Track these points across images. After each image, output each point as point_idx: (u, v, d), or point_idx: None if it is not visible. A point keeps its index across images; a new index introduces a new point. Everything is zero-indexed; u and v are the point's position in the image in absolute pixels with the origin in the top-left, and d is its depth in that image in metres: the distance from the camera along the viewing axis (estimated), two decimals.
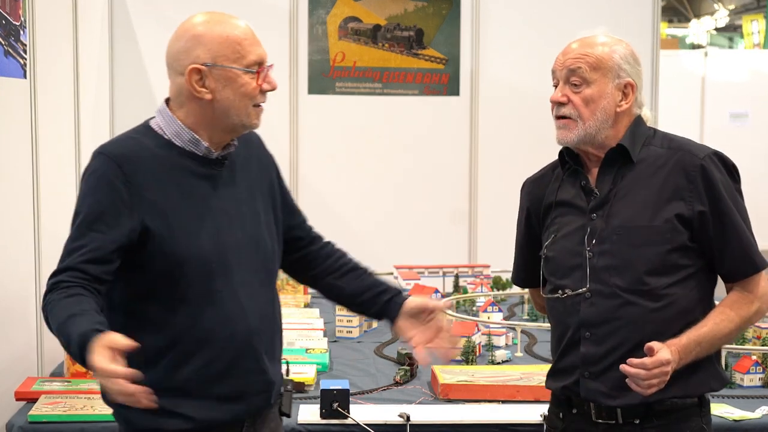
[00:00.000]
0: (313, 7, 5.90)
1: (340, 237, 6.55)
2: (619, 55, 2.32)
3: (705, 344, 2.23)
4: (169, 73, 2.22)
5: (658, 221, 2.24)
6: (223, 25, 2.19)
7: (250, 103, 2.20)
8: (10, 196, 3.62)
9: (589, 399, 2.29)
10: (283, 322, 2.38)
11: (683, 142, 2.33)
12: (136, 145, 2.17)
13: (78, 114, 4.49)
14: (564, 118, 2.29)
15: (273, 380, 2.29)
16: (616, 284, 2.25)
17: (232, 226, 2.21)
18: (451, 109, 5.99)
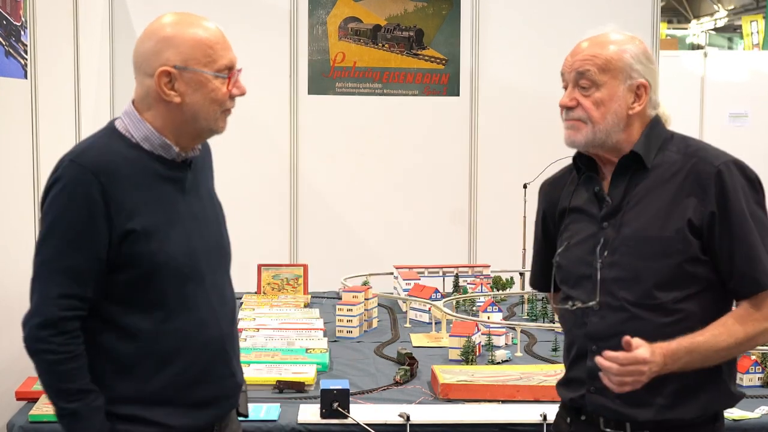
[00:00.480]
0: (313, 7, 5.90)
1: (340, 237, 6.59)
2: (631, 54, 2.20)
3: (697, 354, 2.10)
4: (137, 74, 2.18)
5: (669, 232, 2.14)
6: (194, 27, 2.13)
7: (219, 109, 2.16)
8: (11, 196, 3.62)
9: (595, 413, 2.23)
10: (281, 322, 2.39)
11: (700, 148, 2.23)
12: (108, 151, 2.11)
13: (78, 114, 4.50)
14: (573, 119, 2.21)
15: (240, 382, 2.30)
16: (624, 297, 2.16)
17: (200, 230, 2.20)
18: (451, 109, 5.99)
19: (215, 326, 2.19)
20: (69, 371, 2.07)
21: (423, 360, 3.51)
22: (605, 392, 2.17)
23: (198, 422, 2.19)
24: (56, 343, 2.06)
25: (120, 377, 2.12)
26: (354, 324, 4.04)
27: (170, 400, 2.15)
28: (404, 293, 4.55)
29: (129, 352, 2.12)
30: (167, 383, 2.14)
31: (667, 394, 2.17)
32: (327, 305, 4.59)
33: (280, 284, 4.72)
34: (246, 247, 5.68)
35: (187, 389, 2.16)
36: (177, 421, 2.15)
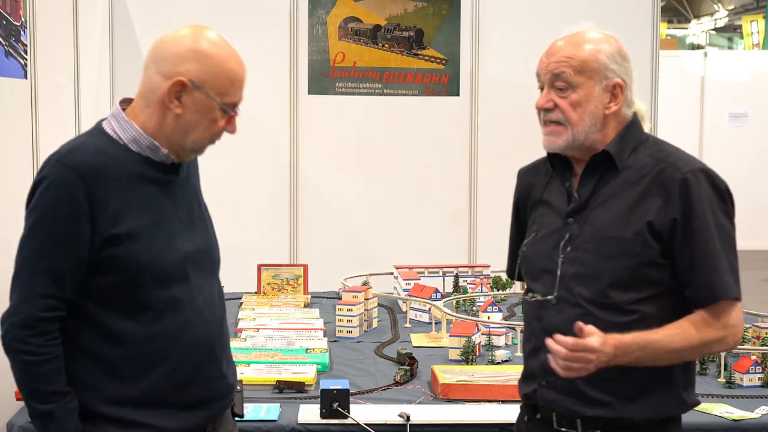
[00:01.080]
0: (313, 7, 5.90)
1: (340, 237, 6.58)
2: (606, 54, 2.20)
3: (650, 351, 2.09)
4: (150, 66, 2.15)
5: (629, 233, 2.14)
6: (227, 55, 2.13)
7: (209, 137, 2.17)
8: (11, 196, 3.62)
9: (547, 408, 2.24)
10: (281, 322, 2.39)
11: (671, 153, 2.22)
12: (95, 152, 2.11)
13: (78, 114, 4.50)
14: (552, 123, 2.22)
15: (232, 384, 2.30)
16: (580, 294, 2.17)
17: (187, 232, 2.20)
18: (451, 109, 5.99)
19: (203, 328, 2.19)
20: (46, 373, 2.07)
21: (423, 360, 3.51)
22: (556, 387, 2.20)
23: (188, 424, 2.19)
24: (35, 344, 2.06)
25: (108, 379, 2.12)
26: (354, 324, 4.04)
27: (159, 401, 2.15)
28: (404, 293, 4.55)
29: (117, 355, 2.12)
30: (156, 385, 2.14)
31: (617, 394, 2.17)
32: (327, 305, 4.59)
33: (280, 284, 4.72)
34: (246, 247, 5.72)
35: (175, 391, 2.16)
36: (167, 422, 2.15)
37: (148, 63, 2.16)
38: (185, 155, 2.21)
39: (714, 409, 2.99)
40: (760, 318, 4.13)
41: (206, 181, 2.42)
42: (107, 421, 2.12)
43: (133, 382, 2.12)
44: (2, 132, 3.55)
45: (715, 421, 2.92)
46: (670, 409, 2.22)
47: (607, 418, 2.18)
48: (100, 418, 2.12)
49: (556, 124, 2.21)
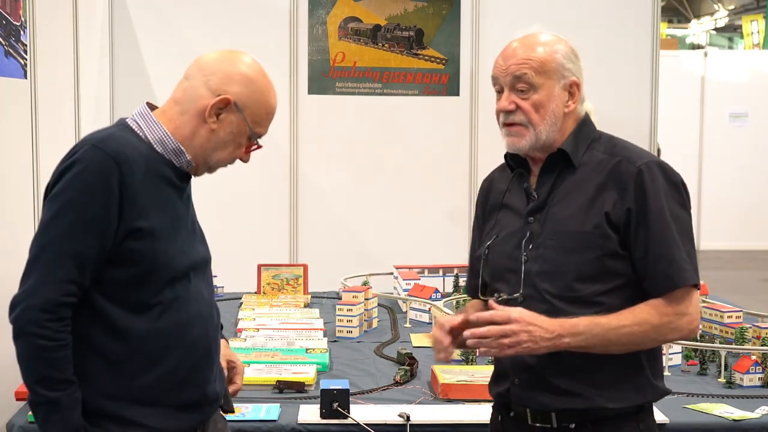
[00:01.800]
0: (313, 7, 5.90)
1: (340, 237, 6.57)
2: (562, 54, 2.24)
3: (599, 331, 2.12)
4: (196, 76, 2.17)
5: (589, 227, 2.18)
6: (269, 88, 2.23)
7: (229, 158, 2.24)
8: (11, 196, 3.62)
9: (521, 404, 2.27)
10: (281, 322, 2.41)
11: (624, 148, 2.26)
12: (128, 143, 2.11)
13: (78, 114, 4.50)
14: (515, 125, 2.26)
15: (220, 390, 2.31)
16: (546, 290, 2.20)
17: (192, 239, 2.23)
18: (451, 109, 5.99)
19: (203, 329, 2.21)
20: (59, 359, 2.05)
21: (423, 360, 3.51)
22: (529, 383, 2.23)
23: (181, 425, 2.19)
24: (52, 329, 2.03)
25: (107, 374, 2.12)
26: (354, 324, 4.04)
27: (155, 400, 2.15)
28: (404, 293, 4.55)
29: (118, 349, 2.12)
30: (154, 383, 2.14)
31: (589, 384, 2.20)
32: (327, 305, 4.59)
33: (280, 284, 4.72)
34: (246, 247, 5.73)
35: (172, 391, 2.17)
36: (160, 423, 2.15)
37: (193, 73, 2.19)
38: (201, 171, 2.25)
39: (714, 409, 2.99)
40: (760, 318, 4.13)
41: (207, 181, 2.42)
42: (101, 416, 2.12)
43: (132, 379, 2.13)
44: (2, 132, 3.55)
45: (715, 421, 2.92)
46: (641, 397, 2.25)
47: (580, 409, 2.21)
48: (95, 413, 2.12)
49: (519, 125, 2.26)
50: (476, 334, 2.12)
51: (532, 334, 2.11)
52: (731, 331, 3.75)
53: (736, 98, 12.46)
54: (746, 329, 3.64)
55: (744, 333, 3.59)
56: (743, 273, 11.03)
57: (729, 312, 3.92)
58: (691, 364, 3.57)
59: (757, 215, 12.33)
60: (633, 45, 5.95)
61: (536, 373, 2.23)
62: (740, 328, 3.63)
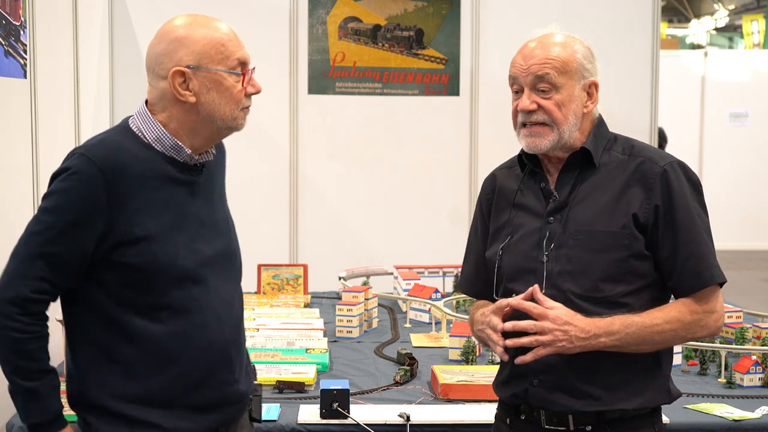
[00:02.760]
0: (313, 7, 5.90)
1: (340, 237, 6.56)
2: (581, 54, 2.25)
3: (634, 330, 2.14)
4: (150, 77, 2.17)
5: (616, 227, 2.19)
6: (205, 27, 2.15)
7: (236, 107, 2.16)
8: (11, 196, 3.62)
9: (539, 407, 2.26)
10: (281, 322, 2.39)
11: (645, 148, 2.28)
12: (119, 148, 2.11)
13: (78, 114, 4.50)
14: (536, 125, 2.23)
15: (245, 391, 2.29)
16: (570, 290, 2.20)
17: (208, 234, 2.20)
18: (451, 109, 5.99)
19: (218, 331, 2.19)
20: (31, 351, 2.09)
21: (423, 360, 3.51)
22: (549, 384, 2.23)
23: (198, 426, 2.18)
24: (22, 321, 2.07)
25: (120, 376, 2.13)
26: (354, 324, 4.04)
27: (169, 402, 2.14)
28: (404, 293, 4.55)
29: (130, 353, 2.12)
30: (166, 385, 2.14)
31: (608, 387, 2.21)
32: (327, 305, 4.59)
33: (280, 284, 4.72)
34: (246, 247, 5.69)
35: (186, 393, 2.16)
36: (175, 423, 2.15)
37: (148, 77, 2.18)
38: (223, 135, 2.21)
39: (714, 409, 2.99)
40: (760, 318, 4.13)
41: None
42: (115, 416, 2.13)
43: (144, 381, 2.13)
44: (2, 132, 3.54)
45: (715, 421, 2.92)
46: (659, 399, 2.26)
47: (598, 412, 2.21)
48: (109, 414, 2.13)
49: (541, 125, 2.24)
50: (518, 326, 2.14)
51: (568, 333, 2.12)
52: (731, 331, 3.75)
53: (736, 98, 12.46)
54: (746, 329, 3.64)
55: (744, 333, 3.59)
56: (743, 273, 11.02)
57: (729, 312, 3.92)
58: (691, 364, 3.57)
59: (757, 215, 12.33)
60: (633, 45, 5.95)
61: (557, 374, 2.21)
62: (740, 328, 3.63)
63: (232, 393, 2.23)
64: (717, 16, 20.24)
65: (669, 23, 22.07)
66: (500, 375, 2.40)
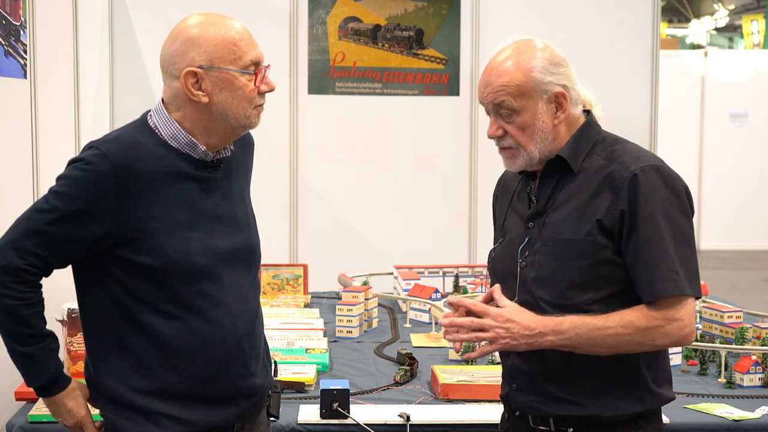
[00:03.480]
0: (313, 7, 5.90)
1: (340, 237, 6.57)
2: (539, 70, 2.20)
3: (584, 332, 2.11)
4: (164, 77, 2.19)
5: (581, 234, 2.17)
6: (218, 26, 2.16)
7: (248, 106, 2.17)
8: (10, 196, 3.62)
9: (520, 409, 2.29)
10: (281, 322, 2.40)
11: (624, 151, 2.22)
12: (134, 144, 2.13)
13: (78, 114, 4.50)
14: (507, 149, 2.25)
15: (261, 384, 2.30)
16: (541, 297, 2.20)
17: (223, 231, 2.21)
18: (451, 109, 5.99)
19: (231, 326, 2.20)
20: (28, 316, 2.12)
21: (423, 360, 3.51)
22: (525, 389, 2.25)
23: (213, 419, 2.20)
24: (16, 289, 2.09)
25: (135, 370, 2.15)
26: (354, 324, 4.04)
27: (184, 395, 2.17)
28: (404, 293, 4.54)
29: (144, 347, 2.14)
30: (180, 380, 2.16)
31: (584, 392, 2.20)
32: (327, 305, 4.59)
33: (280, 284, 4.72)
34: None
35: (200, 387, 2.18)
36: (190, 415, 2.17)
37: (162, 77, 2.20)
38: (237, 134, 2.22)
39: (714, 409, 2.99)
40: (760, 318, 4.13)
41: None
42: (132, 408, 2.15)
43: (159, 375, 2.15)
44: (2, 132, 3.54)
45: (715, 421, 2.92)
46: (638, 406, 2.23)
47: (577, 416, 2.21)
48: (125, 406, 2.15)
49: (510, 148, 2.25)
50: (455, 323, 2.15)
51: (510, 331, 2.12)
52: (731, 331, 3.75)
53: (736, 98, 12.45)
54: (746, 329, 3.63)
55: (744, 333, 3.59)
56: (743, 273, 11.03)
57: (729, 312, 3.92)
58: (691, 364, 3.57)
59: (757, 215, 12.33)
60: (633, 45, 5.95)
61: (531, 379, 2.24)
62: (740, 328, 3.62)
63: (247, 387, 2.25)
64: (717, 16, 20.24)
65: (669, 23, 22.08)
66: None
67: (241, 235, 2.25)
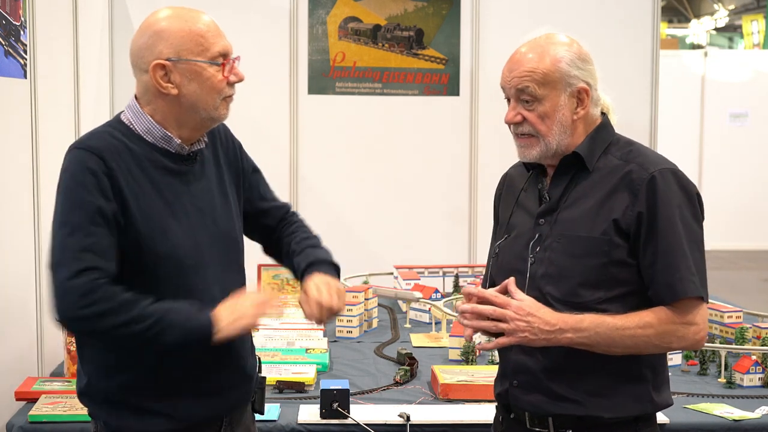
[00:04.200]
0: (313, 7, 5.90)
1: (340, 237, 6.57)
2: (566, 62, 2.21)
3: (604, 330, 2.11)
4: (134, 71, 2.21)
5: (596, 233, 2.17)
6: (185, 19, 2.16)
7: (218, 97, 2.18)
8: (10, 196, 3.62)
9: (518, 407, 2.27)
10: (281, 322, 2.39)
11: (640, 154, 2.24)
12: (110, 137, 2.14)
13: (78, 114, 4.49)
14: (524, 136, 2.24)
15: (250, 374, 2.31)
16: (550, 293, 2.19)
17: (204, 222, 2.21)
18: (451, 109, 5.99)
19: None
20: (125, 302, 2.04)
21: (423, 360, 3.52)
22: (527, 386, 2.23)
23: (204, 413, 2.20)
24: (100, 298, 2.03)
25: (124, 368, 2.15)
26: (354, 324, 4.04)
27: (174, 391, 2.17)
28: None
29: (129, 343, 2.12)
30: (170, 374, 2.16)
31: (586, 391, 2.19)
32: None
33: (280, 284, 4.72)
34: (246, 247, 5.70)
35: (190, 380, 2.18)
36: (180, 411, 2.17)
37: (133, 71, 2.23)
38: (207, 126, 2.22)
39: (714, 409, 3.00)
40: (760, 318, 4.13)
41: None
42: (125, 408, 2.15)
43: (149, 372, 2.15)
44: (2, 132, 3.54)
45: (715, 421, 2.92)
46: (639, 408, 2.22)
47: (577, 416, 2.20)
48: (119, 406, 2.15)
49: (528, 136, 2.24)
50: (476, 310, 2.13)
51: (531, 325, 2.10)
52: (731, 331, 3.76)
53: (736, 98, 12.45)
54: (746, 329, 3.64)
55: (744, 333, 3.59)
56: (743, 273, 11.02)
57: (729, 312, 3.92)
58: (691, 364, 3.57)
59: (757, 215, 12.33)
60: (633, 45, 5.94)
61: (534, 376, 2.22)
62: (740, 328, 3.63)
63: (234, 377, 2.25)
64: (717, 16, 20.23)
65: (669, 23, 22.07)
66: (497, 373, 2.42)
67: (221, 226, 2.25)
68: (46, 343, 3.80)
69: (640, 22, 5.97)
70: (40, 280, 3.75)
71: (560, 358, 2.18)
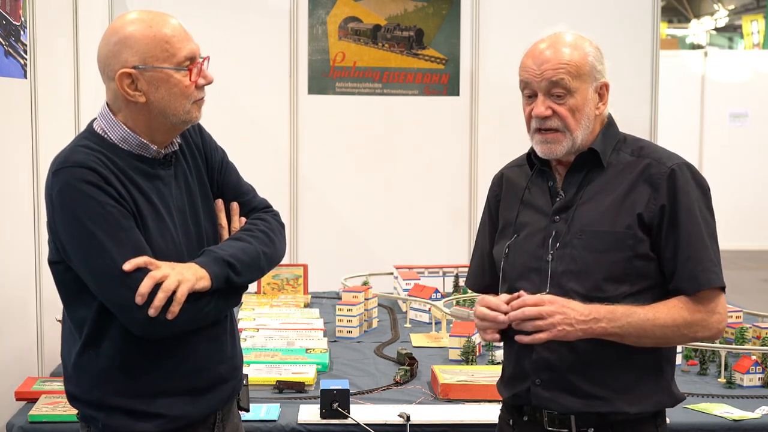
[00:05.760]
0: (313, 7, 5.90)
1: (340, 237, 6.57)
2: (592, 56, 2.22)
3: (636, 321, 2.12)
4: (103, 78, 2.18)
5: (620, 227, 2.17)
6: (149, 24, 2.12)
7: (187, 102, 2.15)
8: (11, 196, 3.62)
9: (541, 407, 2.25)
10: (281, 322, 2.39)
11: (653, 150, 2.26)
12: (91, 152, 2.11)
13: (78, 114, 4.50)
14: (550, 131, 2.21)
15: (238, 365, 2.32)
16: (573, 289, 2.18)
17: (186, 223, 2.21)
18: (451, 109, 5.99)
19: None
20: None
21: (423, 360, 3.51)
22: (551, 384, 2.22)
23: (197, 411, 2.20)
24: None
25: (118, 372, 2.14)
26: (354, 324, 4.04)
27: (169, 391, 2.16)
28: (404, 293, 4.54)
29: (126, 347, 2.12)
30: (163, 374, 2.16)
31: (611, 388, 2.20)
32: (327, 305, 4.59)
33: (280, 284, 4.72)
34: None
35: (183, 380, 2.18)
36: (174, 411, 2.16)
37: (102, 79, 2.19)
38: (179, 130, 2.20)
39: (714, 409, 2.99)
40: (760, 318, 4.13)
41: None
42: (121, 412, 2.14)
43: (142, 375, 2.14)
44: (2, 132, 3.54)
45: (715, 421, 2.92)
46: (662, 402, 2.25)
47: (601, 413, 2.20)
48: (115, 410, 2.14)
49: (554, 131, 2.21)
50: (513, 317, 2.12)
51: (568, 316, 2.10)
52: (731, 331, 3.75)
53: (736, 98, 12.45)
54: (746, 329, 3.64)
55: (744, 333, 3.59)
56: (743, 273, 11.02)
57: (729, 312, 3.92)
58: (691, 364, 3.56)
59: (757, 215, 12.32)
60: (633, 45, 5.94)
61: (559, 373, 2.21)
62: (740, 328, 3.63)
63: (225, 370, 2.26)
64: (717, 16, 20.23)
65: (669, 23, 22.07)
66: (503, 375, 2.39)
67: (201, 226, 2.25)
68: (46, 343, 3.80)
69: (640, 22, 5.97)
70: (40, 280, 3.75)
71: (585, 353, 2.18)
